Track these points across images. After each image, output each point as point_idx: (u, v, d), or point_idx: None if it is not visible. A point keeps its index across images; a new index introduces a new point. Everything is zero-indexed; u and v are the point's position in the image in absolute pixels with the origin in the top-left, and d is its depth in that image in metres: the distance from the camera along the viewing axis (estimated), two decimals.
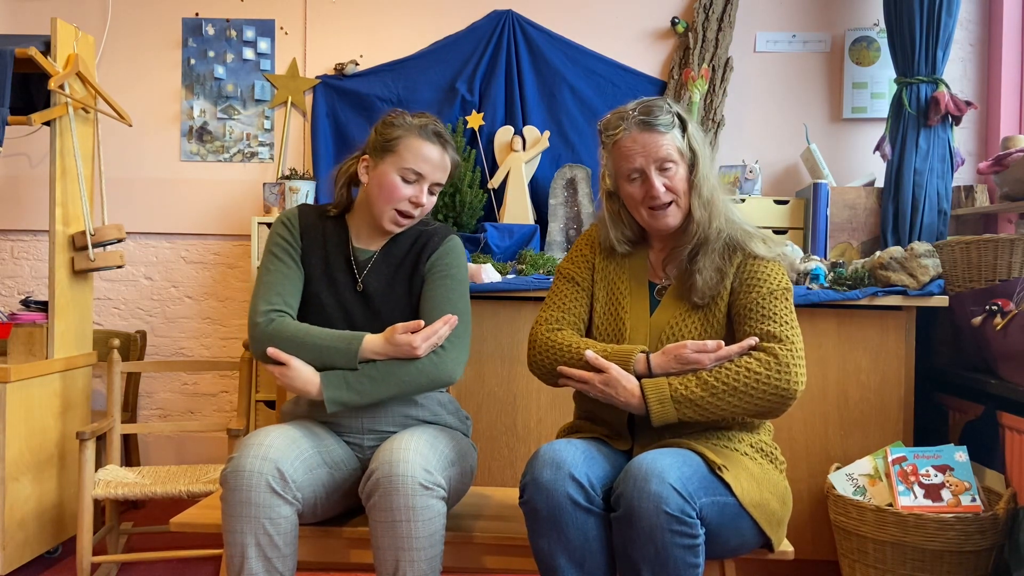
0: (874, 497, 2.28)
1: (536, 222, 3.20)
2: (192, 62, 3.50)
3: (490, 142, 3.33)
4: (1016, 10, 3.23)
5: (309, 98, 3.48)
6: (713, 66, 3.30)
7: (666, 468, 1.44)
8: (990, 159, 2.87)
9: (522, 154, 3.25)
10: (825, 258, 2.90)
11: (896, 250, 2.56)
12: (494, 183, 3.26)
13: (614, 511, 1.47)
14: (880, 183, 3.12)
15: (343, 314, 1.80)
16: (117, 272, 3.48)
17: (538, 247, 3.11)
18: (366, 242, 1.87)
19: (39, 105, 2.77)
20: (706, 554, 1.47)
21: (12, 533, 2.50)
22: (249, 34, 3.49)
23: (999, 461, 2.30)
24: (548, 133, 3.29)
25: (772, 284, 1.64)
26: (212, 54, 3.50)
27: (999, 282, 2.43)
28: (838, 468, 2.40)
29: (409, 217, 1.81)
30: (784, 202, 3.11)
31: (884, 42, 3.29)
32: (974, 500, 2.18)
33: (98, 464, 2.70)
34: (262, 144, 3.51)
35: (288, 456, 1.60)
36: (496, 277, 2.62)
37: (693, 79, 3.16)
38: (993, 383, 2.32)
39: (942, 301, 2.50)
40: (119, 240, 2.79)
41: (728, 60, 3.33)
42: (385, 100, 3.42)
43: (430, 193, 1.82)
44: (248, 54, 3.50)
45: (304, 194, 3.25)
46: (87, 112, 2.80)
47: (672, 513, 1.40)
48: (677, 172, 1.65)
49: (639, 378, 1.59)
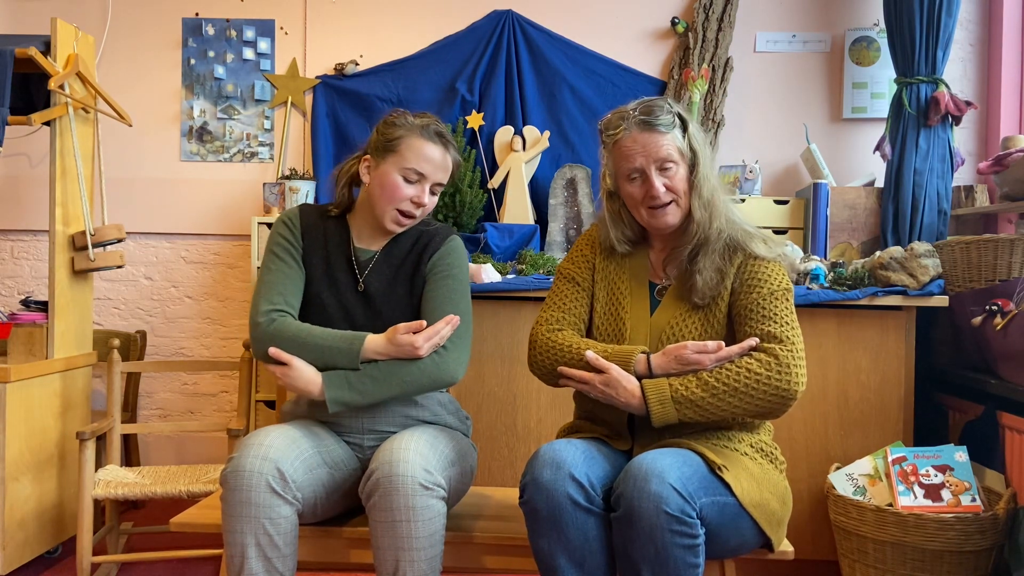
0: (874, 497, 2.28)
1: (536, 222, 3.20)
2: (192, 62, 3.50)
3: (490, 142, 3.33)
4: (1016, 10, 3.23)
5: (309, 98, 3.48)
6: (713, 66, 3.30)
7: (666, 468, 1.44)
8: (990, 159, 2.87)
9: (522, 154, 3.25)
10: (825, 258, 2.90)
11: (896, 250, 2.56)
12: (494, 183, 3.26)
13: (614, 511, 1.47)
14: (880, 183, 3.12)
15: (344, 314, 1.79)
16: (117, 272, 3.48)
17: (538, 247, 3.11)
18: (367, 242, 1.87)
19: (39, 105, 2.77)
20: (706, 554, 1.47)
21: (12, 533, 2.50)
22: (249, 34, 3.49)
23: (999, 461, 2.30)
24: (548, 133, 3.29)
25: (773, 284, 1.64)
26: (212, 54, 3.50)
27: (999, 282, 2.43)
28: (838, 468, 2.40)
29: (411, 217, 1.81)
30: (784, 202, 3.11)
31: (884, 42, 3.29)
32: (974, 500, 2.18)
33: (98, 464, 2.70)
34: (262, 144, 3.51)
35: (288, 456, 1.60)
36: (496, 277, 2.62)
37: (693, 79, 3.16)
38: (993, 383, 2.32)
39: (942, 301, 2.50)
40: (119, 240, 2.79)
41: (728, 60, 3.33)
42: (385, 100, 3.42)
43: (431, 193, 1.82)
44: (248, 54, 3.50)
45: (304, 194, 3.25)
46: (87, 112, 2.80)
47: (672, 513, 1.40)
48: (677, 172, 1.65)
49: (639, 379, 1.59)
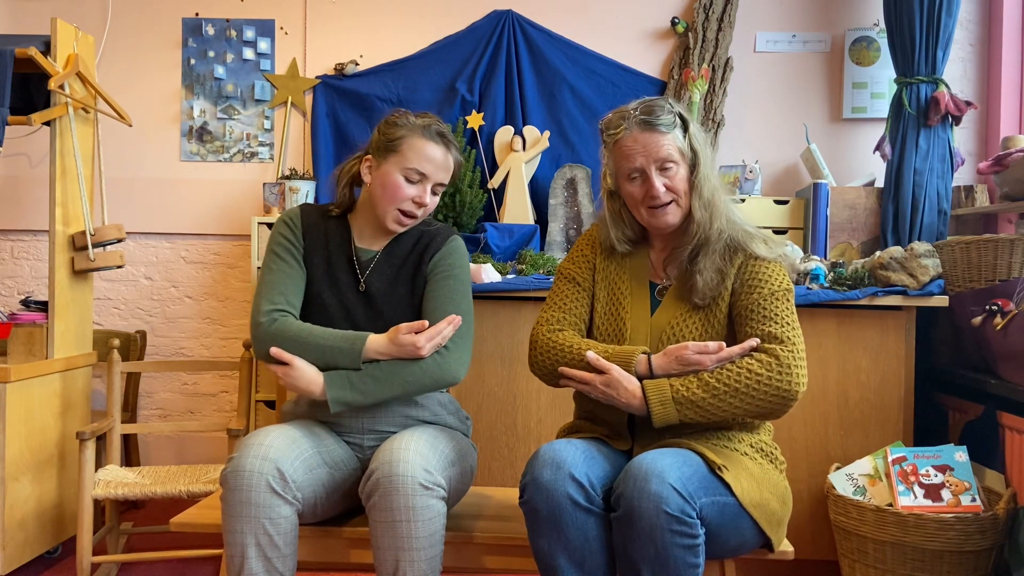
0: (874, 497, 2.28)
1: (536, 222, 3.19)
2: (192, 62, 3.50)
3: (490, 142, 3.33)
4: (1016, 10, 3.23)
5: (309, 98, 3.48)
6: (713, 66, 3.30)
7: (666, 468, 1.44)
8: (990, 159, 2.87)
9: (522, 154, 3.25)
10: (825, 258, 2.90)
11: (896, 250, 2.56)
12: (494, 183, 3.26)
13: (614, 511, 1.47)
14: (880, 183, 3.12)
15: (345, 314, 1.79)
16: (117, 272, 3.48)
17: (538, 247, 3.11)
18: (368, 242, 1.87)
19: (39, 105, 2.77)
20: (706, 554, 1.47)
21: (12, 533, 2.50)
22: (249, 34, 3.49)
23: (999, 461, 2.30)
24: (548, 133, 3.29)
25: (773, 285, 1.64)
26: (212, 54, 3.50)
27: (999, 282, 2.43)
28: (838, 468, 2.40)
29: (412, 217, 1.81)
30: (784, 202, 3.11)
31: (884, 42, 3.29)
32: (974, 500, 2.18)
33: (98, 464, 2.70)
34: (262, 144, 3.51)
35: (288, 456, 1.60)
36: (496, 277, 2.62)
37: (693, 79, 3.16)
38: (993, 383, 2.32)
39: (942, 301, 2.50)
40: (119, 240, 2.79)
41: (728, 60, 3.33)
42: (385, 100, 3.42)
43: (433, 193, 1.82)
44: (248, 54, 3.50)
45: (304, 194, 3.25)
46: (87, 112, 2.80)
47: (672, 513, 1.40)
48: (678, 172, 1.65)
49: (640, 379, 1.59)
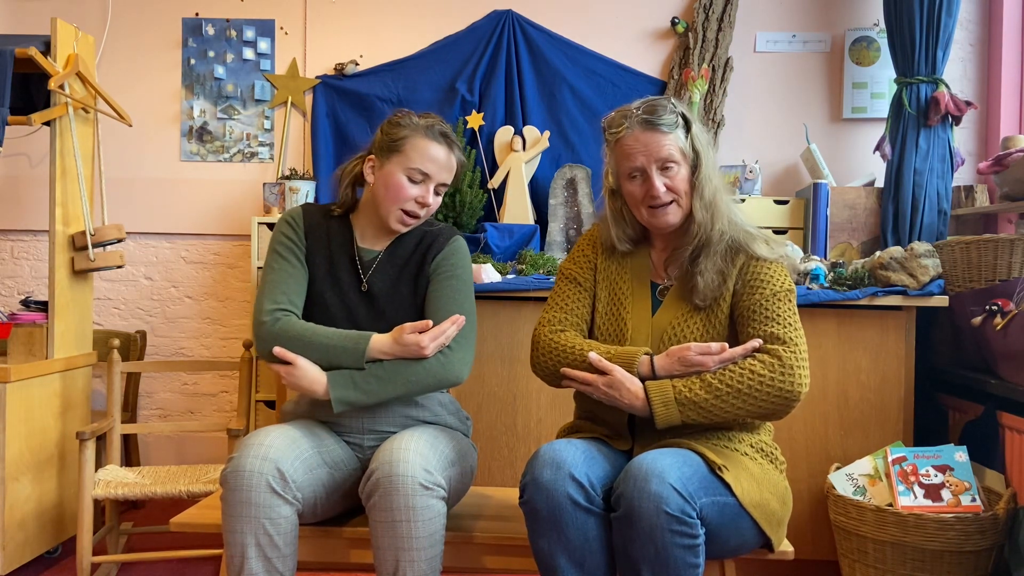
0: (874, 497, 2.28)
1: (536, 222, 3.19)
2: (192, 62, 3.50)
3: (490, 142, 3.33)
4: (1016, 10, 3.23)
5: (309, 98, 3.48)
6: (713, 66, 3.30)
7: (666, 468, 1.44)
8: (990, 159, 2.87)
9: (522, 154, 3.25)
10: (825, 258, 2.90)
11: (896, 250, 2.56)
12: (494, 183, 3.26)
13: (614, 511, 1.47)
14: (880, 183, 3.12)
15: (347, 314, 1.79)
16: (117, 272, 3.48)
17: (538, 247, 3.11)
18: (371, 242, 1.87)
19: (39, 105, 2.77)
20: (706, 554, 1.47)
21: (12, 533, 2.50)
22: (249, 34, 3.49)
23: (999, 461, 2.30)
24: (548, 133, 3.29)
25: (775, 286, 1.64)
26: (212, 54, 3.50)
27: (999, 282, 2.43)
28: (838, 468, 2.40)
29: (415, 217, 1.81)
30: (784, 202, 3.11)
31: (884, 42, 3.29)
32: (974, 500, 2.18)
33: (98, 464, 2.70)
34: (262, 144, 3.51)
35: (288, 456, 1.60)
36: (496, 277, 2.62)
37: (693, 79, 3.16)
38: (993, 383, 2.32)
39: (942, 301, 2.50)
40: (119, 240, 2.79)
41: (728, 60, 3.33)
42: (385, 100, 3.42)
43: (436, 193, 1.82)
44: (248, 54, 3.50)
45: (304, 194, 3.25)
46: (87, 112, 2.80)
47: (672, 513, 1.40)
48: (679, 172, 1.65)
49: (643, 380, 1.59)
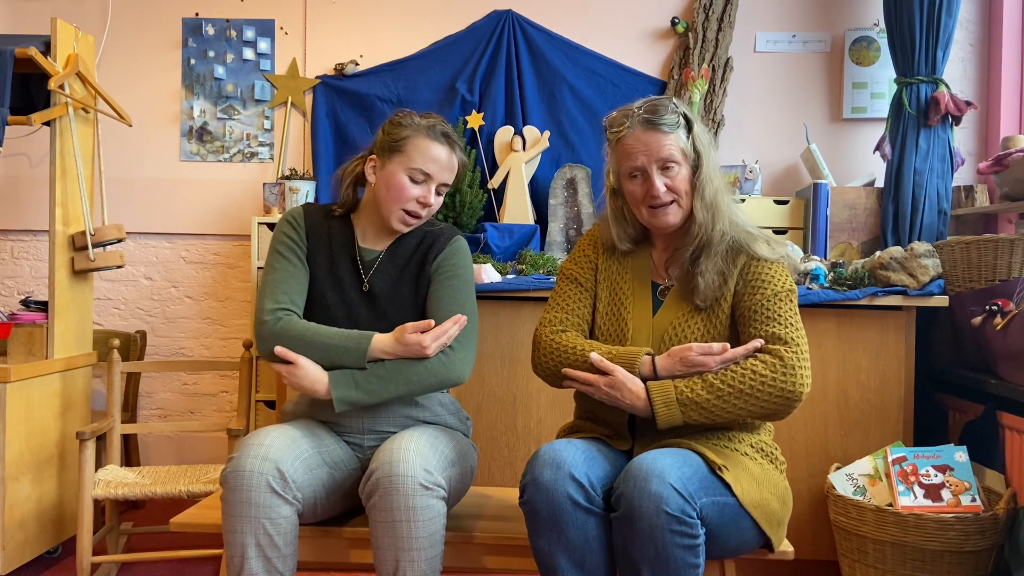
0: (874, 497, 2.28)
1: (536, 222, 3.20)
2: (192, 62, 3.50)
3: (490, 142, 3.33)
4: (1016, 10, 3.23)
5: (309, 98, 3.48)
6: (713, 66, 3.30)
7: (666, 468, 1.44)
8: (990, 159, 2.87)
9: (522, 154, 3.25)
10: (825, 258, 2.90)
11: (896, 250, 2.56)
12: (494, 183, 3.26)
13: (614, 511, 1.47)
14: (880, 183, 3.12)
15: (348, 314, 1.79)
16: (117, 272, 3.48)
17: (538, 247, 3.11)
18: (372, 242, 1.87)
19: (39, 105, 2.77)
20: (706, 554, 1.47)
21: (12, 533, 2.50)
22: (249, 34, 3.49)
23: (999, 461, 2.30)
24: (548, 133, 3.29)
25: (776, 286, 1.64)
26: (212, 54, 3.50)
27: (999, 282, 2.43)
28: (838, 468, 2.40)
29: (417, 217, 1.81)
30: (784, 202, 3.11)
31: (884, 42, 3.29)
32: (974, 500, 2.18)
33: (98, 464, 2.70)
34: (262, 144, 3.51)
35: (288, 456, 1.60)
36: (496, 277, 2.62)
37: (693, 79, 3.16)
38: (993, 383, 2.32)
39: (942, 301, 2.50)
40: (119, 240, 2.79)
41: (728, 60, 3.33)
42: (385, 100, 3.42)
43: (437, 193, 1.82)
44: (248, 54, 3.50)
45: (304, 194, 3.25)
46: (87, 112, 2.80)
47: (672, 513, 1.40)
48: (679, 172, 1.65)
49: (644, 380, 1.59)
